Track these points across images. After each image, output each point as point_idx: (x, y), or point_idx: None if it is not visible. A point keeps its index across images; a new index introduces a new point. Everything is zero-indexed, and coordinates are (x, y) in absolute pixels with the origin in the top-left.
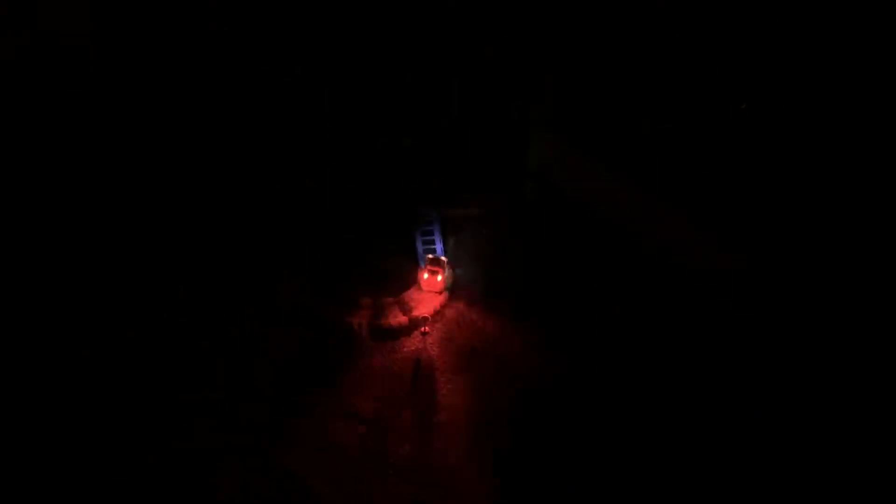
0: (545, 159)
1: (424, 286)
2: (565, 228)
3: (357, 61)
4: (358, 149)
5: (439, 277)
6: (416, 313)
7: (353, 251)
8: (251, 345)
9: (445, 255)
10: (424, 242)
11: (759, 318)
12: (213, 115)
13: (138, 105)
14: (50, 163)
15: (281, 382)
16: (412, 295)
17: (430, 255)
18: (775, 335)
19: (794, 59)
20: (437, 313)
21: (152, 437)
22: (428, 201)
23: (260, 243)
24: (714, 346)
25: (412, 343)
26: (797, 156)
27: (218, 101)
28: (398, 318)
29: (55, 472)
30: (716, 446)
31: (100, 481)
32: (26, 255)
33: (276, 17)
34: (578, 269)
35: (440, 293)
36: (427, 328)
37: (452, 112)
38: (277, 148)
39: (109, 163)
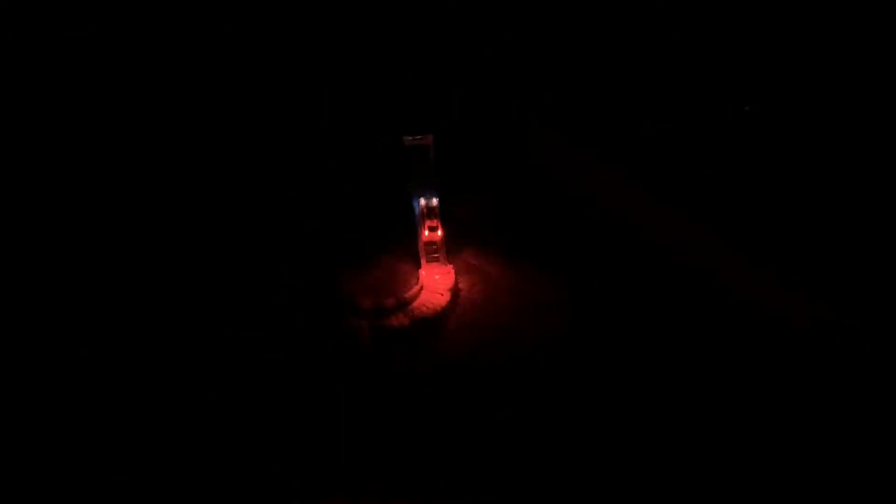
0: (546, 158)
1: (426, 240)
2: (566, 226)
3: (357, 62)
4: (358, 149)
5: (439, 232)
6: (417, 314)
7: (354, 252)
8: (252, 345)
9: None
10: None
11: (758, 316)
12: (214, 116)
13: (138, 105)
14: (51, 163)
15: (281, 386)
16: (414, 296)
17: (423, 199)
18: (775, 333)
19: (793, 59)
20: (440, 315)
21: (151, 437)
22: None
23: (260, 243)
24: (713, 344)
25: (413, 344)
26: (797, 156)
27: (218, 101)
28: (400, 320)
29: (56, 471)
30: (714, 446)
31: (100, 481)
32: (27, 255)
33: (276, 18)
34: (579, 268)
35: (443, 294)
36: (428, 329)
37: (453, 111)
38: (277, 148)
39: (110, 164)
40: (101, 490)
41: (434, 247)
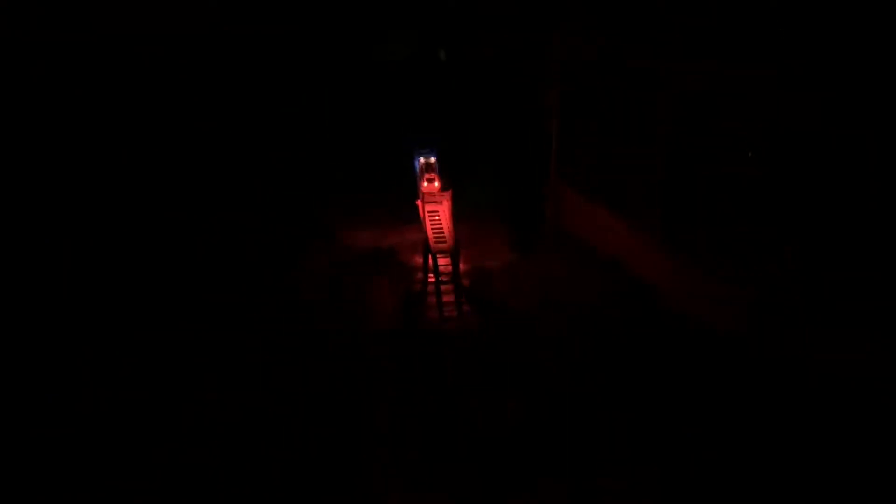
0: (555, 201)
1: (426, 191)
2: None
3: (357, 62)
4: (358, 149)
5: (437, 183)
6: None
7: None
8: (252, 345)
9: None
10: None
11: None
12: (214, 116)
13: (138, 105)
14: (51, 163)
15: (281, 386)
16: None
17: (423, 159)
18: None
19: (794, 60)
20: None
21: (151, 437)
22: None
23: (260, 243)
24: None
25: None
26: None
27: (218, 101)
28: None
29: (56, 471)
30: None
31: (100, 481)
32: (27, 255)
33: (276, 18)
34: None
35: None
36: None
37: (454, 112)
38: (277, 148)
39: (109, 164)
40: (101, 490)
41: (433, 195)
